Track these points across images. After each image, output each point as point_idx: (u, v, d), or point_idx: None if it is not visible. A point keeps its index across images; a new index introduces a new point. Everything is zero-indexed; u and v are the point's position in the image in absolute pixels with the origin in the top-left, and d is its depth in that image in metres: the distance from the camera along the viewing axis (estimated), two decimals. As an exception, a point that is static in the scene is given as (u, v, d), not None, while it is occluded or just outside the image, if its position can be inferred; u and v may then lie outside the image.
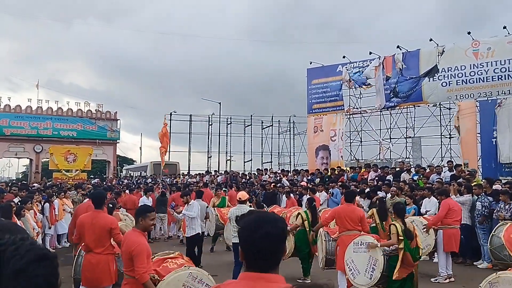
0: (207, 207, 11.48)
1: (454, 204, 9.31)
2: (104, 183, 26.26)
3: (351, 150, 26.20)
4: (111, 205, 8.70)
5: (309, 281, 8.78)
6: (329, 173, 18.36)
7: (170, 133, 31.03)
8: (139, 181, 25.68)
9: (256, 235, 1.84)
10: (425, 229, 9.03)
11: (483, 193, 10.42)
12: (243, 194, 9.04)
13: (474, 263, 10.23)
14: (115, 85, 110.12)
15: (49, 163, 32.69)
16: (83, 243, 6.33)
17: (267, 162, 33.79)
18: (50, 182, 25.81)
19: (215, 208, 12.08)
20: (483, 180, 12.06)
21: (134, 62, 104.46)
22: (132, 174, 36.64)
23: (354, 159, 25.60)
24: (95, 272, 5.89)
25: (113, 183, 25.21)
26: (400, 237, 6.37)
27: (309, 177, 18.57)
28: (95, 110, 36.21)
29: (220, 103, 33.78)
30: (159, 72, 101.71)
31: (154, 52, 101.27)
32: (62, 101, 48.18)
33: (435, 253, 9.72)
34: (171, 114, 31.82)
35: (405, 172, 15.33)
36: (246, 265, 1.91)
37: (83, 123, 35.28)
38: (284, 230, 1.92)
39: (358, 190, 12.38)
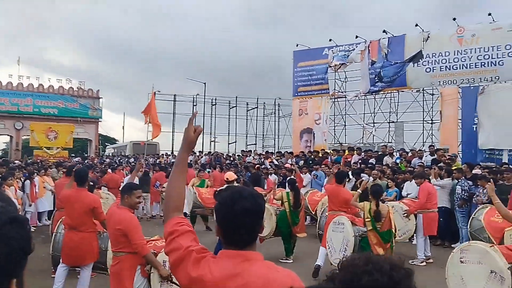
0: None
1: (432, 187, 9.49)
2: (86, 161, 26.03)
3: (335, 134, 26.35)
4: (91, 183, 8.66)
5: (291, 261, 8.89)
6: (312, 156, 18.46)
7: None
8: (121, 160, 25.51)
9: (234, 211, 1.83)
10: (405, 215, 9.19)
11: (463, 177, 10.60)
12: (230, 175, 9.03)
13: (452, 245, 10.43)
14: (98, 63, 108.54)
15: (30, 140, 32.23)
16: (63, 220, 6.28)
17: (252, 144, 33.83)
18: (30, 160, 25.50)
19: (194, 187, 12.03)
20: (463, 165, 12.25)
21: (119, 40, 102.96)
22: (113, 153, 36.47)
23: (338, 142, 25.76)
24: (77, 250, 5.86)
25: (95, 161, 25.00)
26: (367, 219, 6.50)
27: (294, 159, 18.66)
28: (77, 88, 35.73)
29: (205, 83, 33.52)
30: (144, 51, 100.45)
31: (140, 31, 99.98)
32: (43, 77, 47.28)
33: (414, 235, 9.91)
34: (154, 94, 31.45)
35: (388, 155, 15.52)
36: (224, 242, 1.91)
37: (64, 101, 34.79)
38: (262, 206, 1.92)
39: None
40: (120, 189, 5.19)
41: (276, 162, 17.91)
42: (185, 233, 1.98)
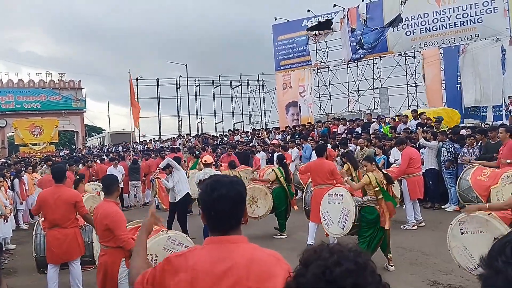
0: None
1: (414, 152, 9.55)
2: (74, 154, 25.88)
3: (320, 105, 26.41)
4: (78, 177, 8.65)
5: (285, 236, 9.00)
6: (300, 129, 18.49)
7: (138, 98, 30.59)
8: (109, 149, 25.37)
9: (212, 197, 1.92)
10: None
11: (447, 139, 10.70)
12: (208, 158, 9.06)
13: (442, 206, 10.61)
14: (76, 51, 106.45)
15: (15, 137, 31.86)
16: (43, 220, 6.21)
17: (239, 122, 33.80)
18: (16, 156, 25.28)
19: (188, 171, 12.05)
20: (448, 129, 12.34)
21: (95, 24, 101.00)
22: (94, 144, 36.50)
23: (324, 113, 25.82)
24: (63, 246, 5.82)
25: (83, 153, 24.86)
26: (376, 188, 6.46)
27: (280, 135, 18.70)
28: (58, 80, 35.24)
29: (186, 65, 33.24)
30: (122, 34, 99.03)
31: (116, 13, 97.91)
32: (20, 71, 46.55)
33: (406, 200, 10.03)
34: (137, 79, 31.17)
35: (375, 123, 15.58)
36: (209, 228, 1.99)
37: (46, 94, 34.34)
38: (239, 192, 1.97)
39: (329, 144, 12.56)
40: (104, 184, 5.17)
41: (267, 140, 17.88)
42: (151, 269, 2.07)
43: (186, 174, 10.60)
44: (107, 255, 4.69)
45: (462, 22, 19.00)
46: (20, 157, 24.13)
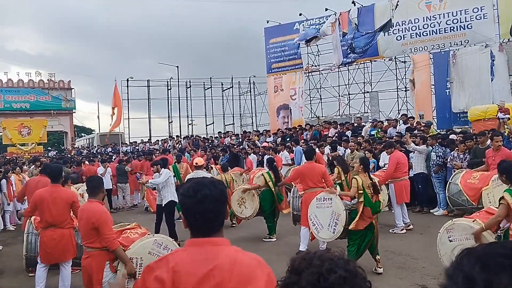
0: None
1: (401, 156, 9.60)
2: (63, 154, 25.67)
3: (311, 108, 26.45)
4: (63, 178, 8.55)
5: (275, 239, 8.98)
6: (291, 132, 18.51)
7: (128, 100, 30.51)
8: (99, 150, 25.22)
9: (196, 199, 1.91)
10: None
11: (437, 144, 10.76)
12: (199, 160, 9.03)
13: (431, 210, 10.67)
14: (66, 50, 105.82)
15: (3, 137, 31.52)
16: (38, 220, 6.15)
17: (229, 124, 33.72)
18: (4, 158, 25.02)
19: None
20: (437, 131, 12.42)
21: (86, 23, 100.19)
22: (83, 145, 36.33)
23: (315, 116, 25.89)
24: (58, 246, 5.79)
25: (72, 154, 24.69)
26: (360, 191, 6.49)
27: (271, 137, 18.70)
28: (47, 80, 35.02)
29: (177, 66, 33.10)
30: (114, 34, 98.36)
31: (107, 12, 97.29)
32: (9, 70, 46.09)
33: (393, 204, 10.07)
34: (127, 80, 31.01)
35: (367, 126, 15.66)
36: (191, 232, 1.97)
37: (35, 94, 34.12)
38: (222, 191, 1.98)
39: (319, 147, 12.58)
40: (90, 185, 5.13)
41: (257, 143, 17.86)
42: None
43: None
44: (91, 257, 4.62)
45: (452, 28, 19.15)
46: (6, 158, 23.88)
